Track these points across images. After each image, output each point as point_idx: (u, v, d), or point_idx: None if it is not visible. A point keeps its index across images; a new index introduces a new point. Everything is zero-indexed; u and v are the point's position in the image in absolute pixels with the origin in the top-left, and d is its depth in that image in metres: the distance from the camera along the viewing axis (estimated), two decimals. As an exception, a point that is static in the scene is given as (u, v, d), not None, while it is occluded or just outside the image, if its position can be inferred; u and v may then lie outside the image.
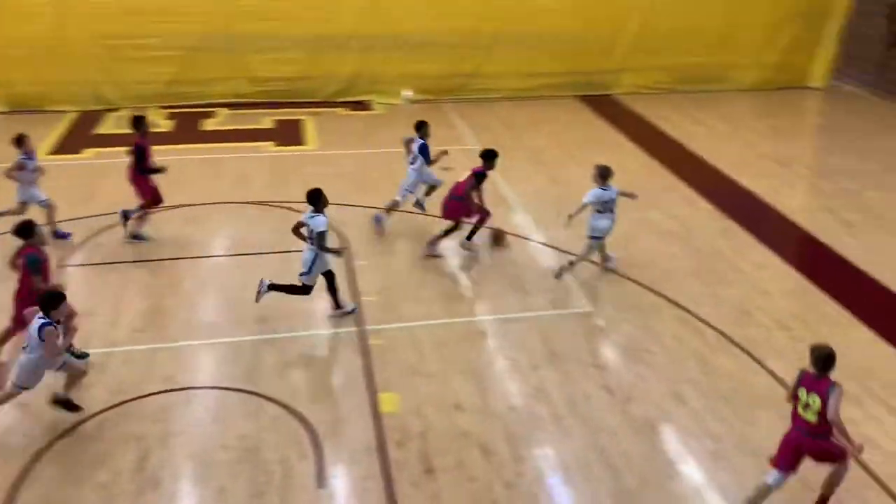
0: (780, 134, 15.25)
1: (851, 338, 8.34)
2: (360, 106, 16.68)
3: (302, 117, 15.79)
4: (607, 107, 16.66)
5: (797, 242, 10.84)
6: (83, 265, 9.62)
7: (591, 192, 9.08)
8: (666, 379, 7.65)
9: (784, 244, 10.60)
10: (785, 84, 17.96)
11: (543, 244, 10.48)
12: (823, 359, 5.60)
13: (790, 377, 7.49)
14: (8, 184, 9.94)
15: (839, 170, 13.19)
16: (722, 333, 8.41)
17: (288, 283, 8.39)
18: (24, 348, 6.40)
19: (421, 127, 10.53)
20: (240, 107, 16.21)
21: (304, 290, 8.20)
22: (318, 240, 7.91)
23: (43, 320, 6.24)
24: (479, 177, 9.73)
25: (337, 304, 8.39)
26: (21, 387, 6.45)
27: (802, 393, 5.62)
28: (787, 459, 5.71)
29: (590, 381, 7.59)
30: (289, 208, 11.07)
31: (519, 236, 10.66)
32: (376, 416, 7.00)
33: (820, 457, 5.73)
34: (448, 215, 9.82)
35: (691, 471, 6.49)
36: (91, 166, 12.87)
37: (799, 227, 11.07)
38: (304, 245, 8.15)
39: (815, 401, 5.54)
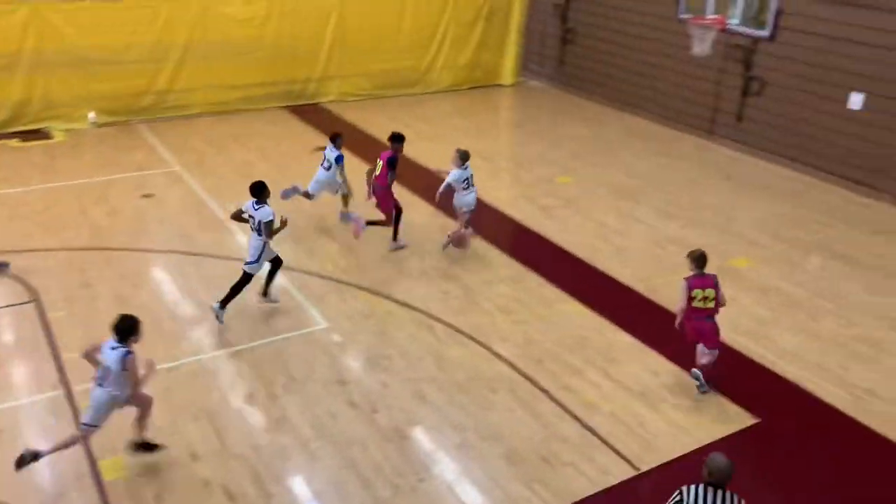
0: (481, 130, 16.67)
1: (564, 312, 9.41)
2: (37, 135, 15.01)
3: (-43, 153, 13.80)
4: (316, 115, 16.87)
5: (509, 231, 11.94)
6: None
7: (453, 174, 10.22)
8: (407, 381, 7.99)
9: (498, 234, 11.61)
10: (479, 83, 19.66)
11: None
12: (699, 257, 7.58)
13: (516, 358, 8.31)
14: None
15: (534, 159, 14.77)
16: (450, 326, 8.99)
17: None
18: (98, 384, 6.25)
19: (336, 138, 11.25)
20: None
21: (247, 279, 8.73)
22: (267, 229, 8.54)
23: (123, 349, 6.16)
24: (392, 161, 10.46)
25: (266, 292, 9.08)
26: (92, 426, 6.28)
27: (697, 293, 7.55)
28: (699, 338, 7.78)
29: (334, 399, 7.66)
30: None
31: (238, 259, 10.40)
32: (100, 487, 6.39)
33: (711, 334, 7.72)
34: (383, 207, 10.61)
35: (441, 467, 6.88)
36: None
37: (508, 217, 12.20)
38: (251, 234, 8.70)
39: (710, 292, 7.55)
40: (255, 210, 8.61)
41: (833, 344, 8.94)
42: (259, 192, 8.62)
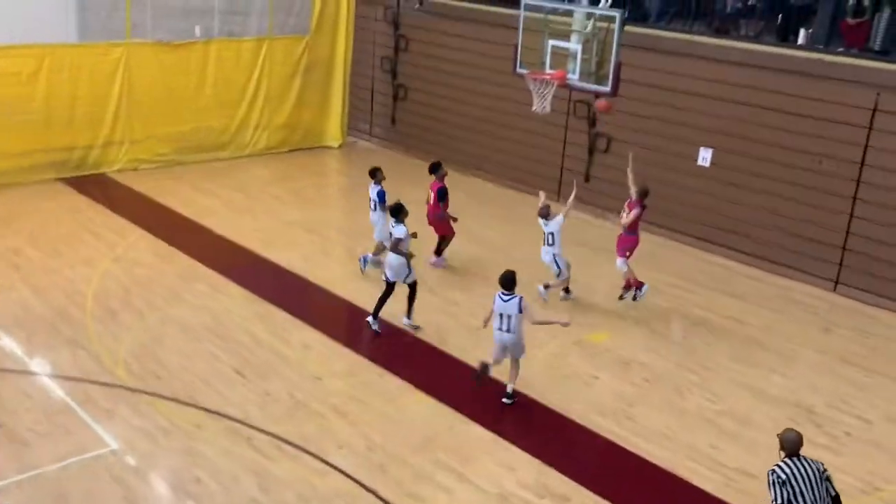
0: (306, 199, 16.59)
1: (409, 407, 9.34)
2: None
3: None
4: (101, 188, 16.13)
5: (340, 314, 11.78)
6: None
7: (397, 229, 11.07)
8: (222, 509, 7.54)
9: (327, 319, 11.43)
10: (301, 145, 19.67)
11: (38, 373, 9.62)
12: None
13: (356, 467, 8.09)
14: None
15: (368, 230, 14.81)
16: (274, 435, 8.65)
17: None
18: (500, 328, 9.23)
19: (375, 173, 13.05)
20: None
21: (391, 287, 11.06)
22: (394, 245, 10.91)
23: (516, 297, 9.19)
24: (441, 193, 12.85)
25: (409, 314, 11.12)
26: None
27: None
28: None
29: (126, 540, 7.07)
30: None
31: (2, 370, 9.58)
32: None
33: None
34: (440, 231, 13.20)
35: None
36: None
37: (340, 298, 12.07)
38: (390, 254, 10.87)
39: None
40: (393, 228, 11.02)
41: (701, 420, 9.41)
42: (397, 212, 11.07)
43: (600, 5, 11.44)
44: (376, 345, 10.81)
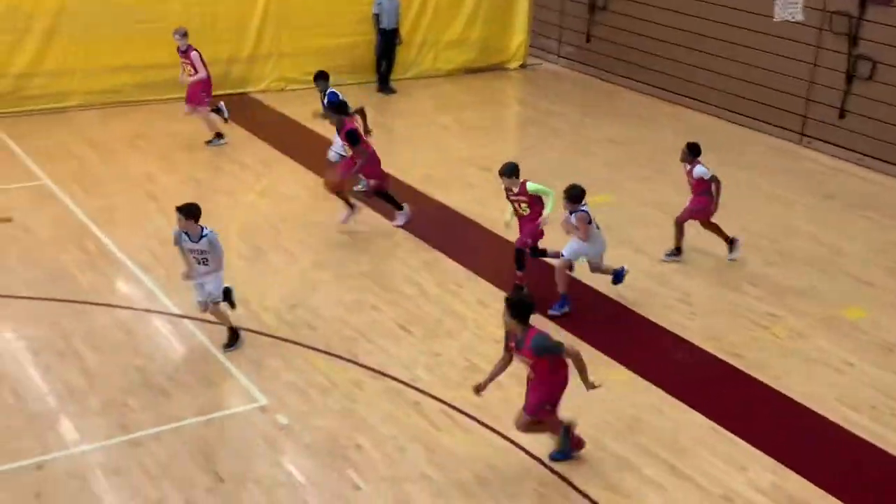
0: (478, 130, 16.70)
1: (608, 382, 9.23)
2: None
3: None
4: (243, 110, 16.82)
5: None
6: None
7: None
8: (385, 482, 7.79)
9: (505, 273, 11.49)
10: (475, 66, 19.74)
11: (180, 316, 10.17)
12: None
13: (543, 447, 8.14)
14: None
15: (554, 169, 14.73)
16: (446, 403, 8.82)
17: None
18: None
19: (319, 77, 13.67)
20: None
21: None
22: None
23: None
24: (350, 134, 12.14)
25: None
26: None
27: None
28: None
29: (280, 506, 7.45)
30: None
31: (140, 309, 10.27)
32: None
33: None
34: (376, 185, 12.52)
35: None
36: None
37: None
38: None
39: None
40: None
41: None
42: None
43: None
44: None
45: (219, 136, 15.13)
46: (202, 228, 9.34)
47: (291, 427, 8.45)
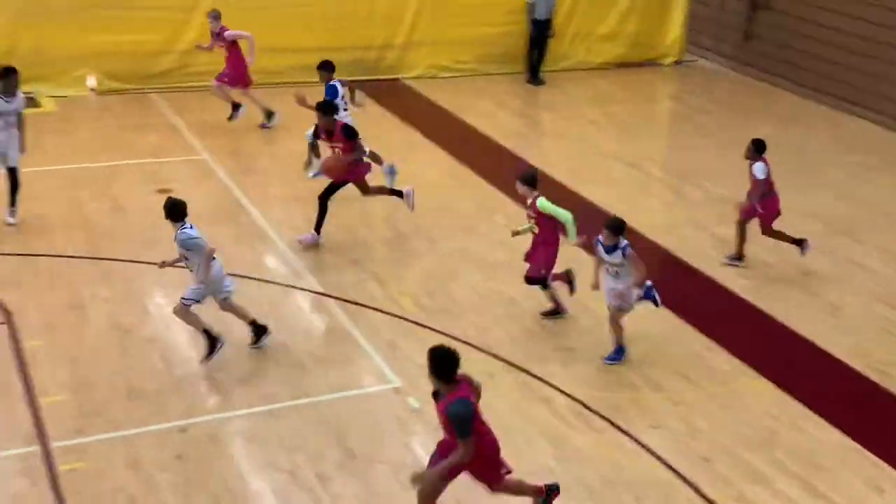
0: (626, 125, 16.53)
1: (745, 392, 9.12)
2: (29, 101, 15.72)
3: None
4: (395, 95, 17.12)
5: (664, 270, 11.67)
6: None
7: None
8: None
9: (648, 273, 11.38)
10: (627, 60, 19.53)
11: (322, 294, 10.44)
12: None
13: (673, 453, 8.06)
14: None
15: (704, 170, 14.49)
16: (577, 400, 8.81)
17: None
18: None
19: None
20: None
21: None
22: None
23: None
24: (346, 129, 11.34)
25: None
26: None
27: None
28: None
29: (406, 488, 7.57)
30: None
31: (285, 285, 10.59)
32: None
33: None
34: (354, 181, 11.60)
35: None
36: None
37: (662, 249, 11.96)
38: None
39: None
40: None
41: None
42: None
43: None
44: (703, 308, 10.62)
45: (236, 107, 15.00)
46: (182, 224, 8.79)
47: (422, 411, 8.58)
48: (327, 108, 11.35)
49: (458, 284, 10.84)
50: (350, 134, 11.25)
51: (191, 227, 8.79)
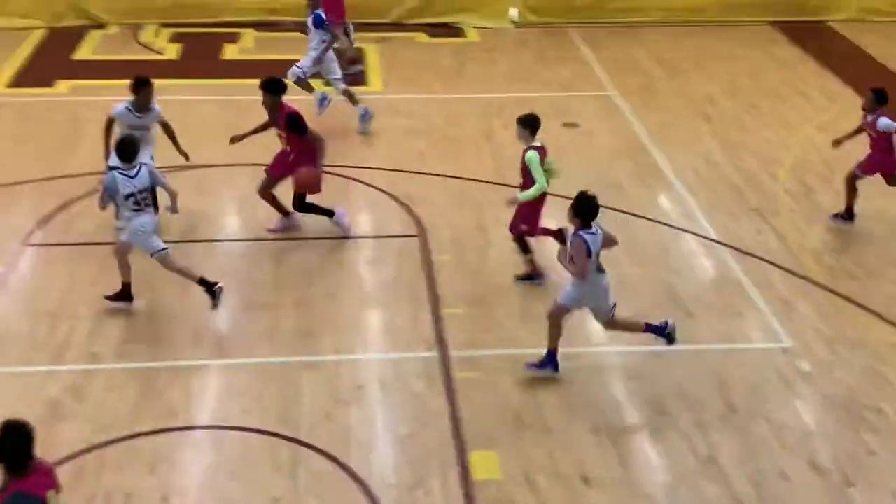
0: None
1: None
2: (447, 30, 16.82)
3: (363, 45, 16.05)
4: (819, 40, 16.27)
5: None
6: (51, 245, 10.01)
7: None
8: (903, 455, 7.42)
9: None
10: None
11: (715, 241, 10.34)
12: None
13: None
14: None
15: None
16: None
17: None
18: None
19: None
20: (273, 27, 16.59)
21: None
22: None
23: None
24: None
25: None
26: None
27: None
28: None
29: (789, 452, 7.43)
30: (344, 175, 11.26)
31: (677, 228, 10.59)
32: (466, 483, 7.05)
33: None
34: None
35: None
36: (66, 104, 13.39)
37: None
38: None
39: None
40: None
41: None
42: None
43: None
44: None
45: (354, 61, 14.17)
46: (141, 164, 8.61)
47: (811, 374, 8.32)
48: (267, 84, 9.76)
49: (871, 248, 10.21)
50: (296, 127, 9.73)
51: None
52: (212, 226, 10.55)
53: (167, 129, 10.07)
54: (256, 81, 10.08)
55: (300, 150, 9.75)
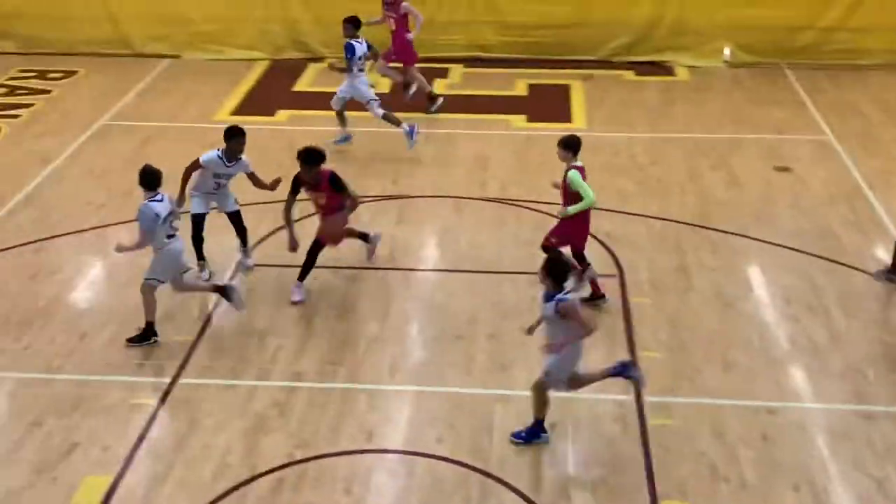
0: None
1: None
2: (657, 68, 16.68)
3: (568, 82, 16.10)
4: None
5: None
6: (263, 266, 10.48)
7: None
8: None
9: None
10: None
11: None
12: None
13: None
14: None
15: None
16: None
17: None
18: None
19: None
20: (481, 63, 16.88)
21: None
22: None
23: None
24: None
25: None
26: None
27: None
28: None
29: None
30: (542, 211, 11.30)
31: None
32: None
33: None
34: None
35: None
36: (284, 133, 14.03)
37: None
38: None
39: None
40: None
41: None
42: None
43: None
44: None
45: (432, 99, 14.48)
46: (155, 194, 8.76)
47: None
48: (309, 156, 9.52)
49: None
50: (339, 185, 9.63)
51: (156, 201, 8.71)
52: (410, 256, 10.80)
53: (253, 178, 10.04)
54: (464, 116, 10.30)
55: (330, 205, 9.75)
